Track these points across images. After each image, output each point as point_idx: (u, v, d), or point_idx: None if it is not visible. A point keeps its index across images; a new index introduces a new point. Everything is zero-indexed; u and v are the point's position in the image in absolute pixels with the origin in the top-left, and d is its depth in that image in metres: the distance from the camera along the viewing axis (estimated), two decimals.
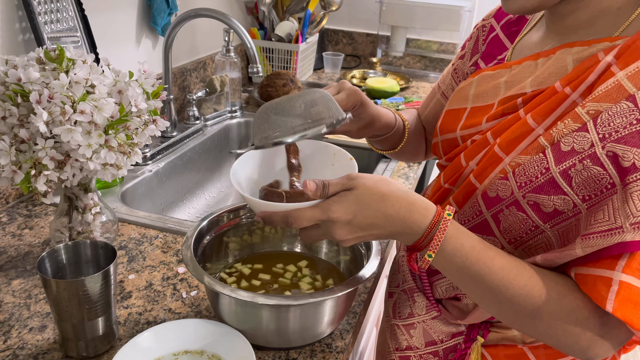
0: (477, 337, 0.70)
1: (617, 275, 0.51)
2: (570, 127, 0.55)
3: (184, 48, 1.52)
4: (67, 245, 0.69)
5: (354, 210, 0.57)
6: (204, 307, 0.78)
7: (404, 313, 0.78)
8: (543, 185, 0.56)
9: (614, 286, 0.51)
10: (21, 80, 0.70)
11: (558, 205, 0.56)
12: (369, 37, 2.20)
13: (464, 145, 0.69)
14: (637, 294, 0.50)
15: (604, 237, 0.51)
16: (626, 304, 0.50)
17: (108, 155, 0.73)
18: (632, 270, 0.51)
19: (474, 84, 0.72)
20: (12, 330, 0.71)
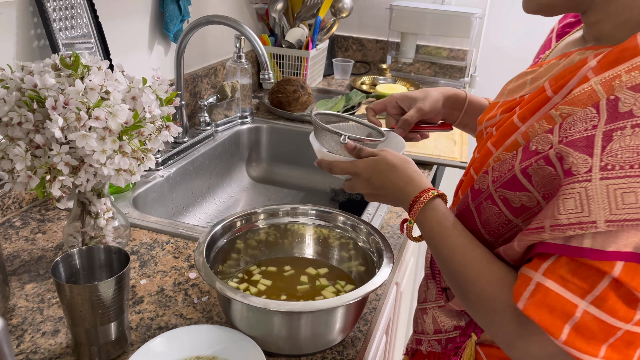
0: (472, 334, 0.72)
1: (537, 276, 0.52)
2: (543, 128, 0.56)
3: (196, 54, 1.53)
4: (81, 250, 0.69)
5: (371, 171, 0.74)
6: (216, 312, 0.78)
7: (421, 297, 0.82)
8: (509, 181, 0.58)
9: (531, 286, 0.52)
10: (37, 86, 0.71)
11: (524, 201, 0.57)
12: (379, 43, 2.21)
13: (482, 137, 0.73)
14: (554, 299, 0.50)
15: (530, 235, 0.53)
16: (541, 306, 0.51)
17: (122, 160, 0.73)
18: (554, 275, 0.50)
19: (514, 80, 0.72)
20: (25, 335, 0.72)
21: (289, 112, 1.59)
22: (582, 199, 0.48)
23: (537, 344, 0.53)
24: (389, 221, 1.05)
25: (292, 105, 1.59)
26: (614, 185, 0.47)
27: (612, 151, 0.48)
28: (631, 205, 0.46)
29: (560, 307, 0.50)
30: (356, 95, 1.70)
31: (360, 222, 0.81)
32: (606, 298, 0.48)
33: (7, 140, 0.72)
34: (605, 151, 0.48)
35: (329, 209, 0.84)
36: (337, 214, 0.83)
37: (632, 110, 0.48)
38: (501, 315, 0.55)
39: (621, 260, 0.47)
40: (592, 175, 0.48)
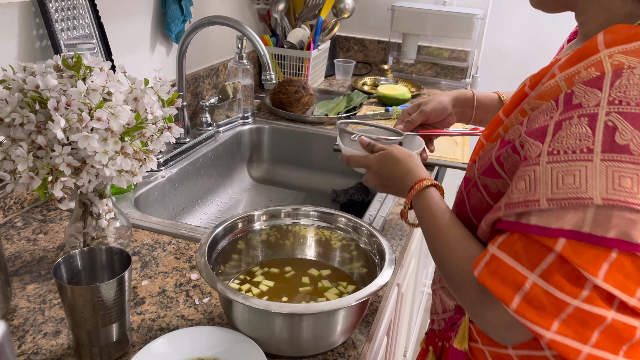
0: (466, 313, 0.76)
1: (492, 249, 0.57)
2: (517, 120, 0.61)
3: (197, 55, 1.53)
4: (83, 251, 0.69)
5: (380, 164, 0.84)
6: (217, 314, 0.78)
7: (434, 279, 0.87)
8: (488, 169, 0.64)
9: (487, 257, 0.57)
10: (39, 87, 0.71)
11: (500, 187, 0.62)
12: (381, 44, 2.21)
13: None
14: (506, 269, 0.55)
15: (490, 214, 0.60)
16: (494, 276, 0.56)
17: (124, 162, 0.73)
18: (506, 248, 0.56)
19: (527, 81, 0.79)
20: (26, 335, 0.72)
21: (290, 112, 1.59)
22: (531, 180, 0.54)
23: (495, 313, 0.58)
24: (390, 222, 1.05)
25: (294, 105, 1.59)
26: (557, 168, 0.52)
27: (559, 138, 0.53)
28: (569, 186, 0.51)
29: (511, 277, 0.54)
30: (357, 96, 1.70)
31: (362, 223, 0.81)
32: (552, 272, 0.52)
33: (9, 141, 0.72)
34: (554, 138, 0.53)
35: (330, 211, 0.84)
36: (339, 216, 0.83)
37: (581, 102, 0.53)
38: (468, 285, 0.61)
39: (563, 237, 0.51)
40: (540, 159, 0.53)
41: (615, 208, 0.50)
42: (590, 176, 0.50)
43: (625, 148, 0.50)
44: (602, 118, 0.51)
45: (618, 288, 0.51)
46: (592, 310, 0.52)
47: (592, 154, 0.51)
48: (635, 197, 0.49)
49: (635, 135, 0.50)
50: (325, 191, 1.52)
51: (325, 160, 1.54)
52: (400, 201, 1.14)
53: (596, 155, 0.51)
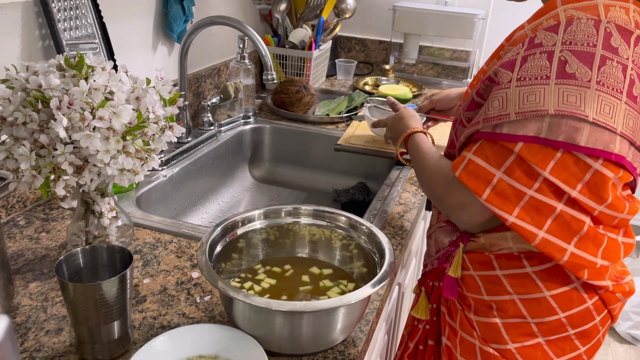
0: (460, 244, 0.86)
1: (469, 155, 0.75)
2: (494, 63, 0.80)
3: (199, 55, 1.53)
4: (85, 250, 0.70)
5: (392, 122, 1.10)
6: (218, 312, 0.78)
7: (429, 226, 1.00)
8: (470, 105, 0.81)
9: (465, 161, 0.75)
10: (42, 86, 0.71)
11: None
12: (382, 44, 2.21)
13: None
14: (479, 169, 0.73)
15: (470, 128, 0.76)
16: (470, 174, 0.74)
17: (125, 160, 0.74)
18: (479, 153, 0.73)
19: None
20: (28, 333, 0.72)
21: (291, 112, 1.59)
22: (503, 100, 0.71)
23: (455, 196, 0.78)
24: (391, 222, 1.06)
25: (295, 105, 1.59)
26: (523, 90, 0.69)
27: (525, 68, 0.70)
28: (532, 102, 0.68)
29: (483, 175, 0.72)
30: (359, 96, 1.70)
31: (362, 222, 0.82)
32: (514, 169, 0.70)
33: (12, 140, 0.72)
34: (522, 68, 0.70)
35: (331, 210, 0.85)
36: (339, 215, 0.84)
37: (542, 42, 0.70)
38: (448, 187, 0.79)
39: (522, 142, 0.69)
40: (511, 84, 0.71)
41: (564, 117, 0.67)
42: (547, 95, 0.67)
43: (572, 75, 0.67)
44: (557, 54, 0.68)
45: (562, 181, 0.68)
46: (544, 199, 0.70)
47: (549, 80, 0.68)
48: (578, 109, 0.66)
49: (579, 66, 0.67)
50: (327, 191, 1.52)
51: (327, 160, 1.54)
52: (401, 200, 1.15)
53: (552, 80, 0.68)
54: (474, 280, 0.84)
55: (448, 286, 0.87)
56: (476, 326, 0.84)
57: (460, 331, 0.86)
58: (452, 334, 0.88)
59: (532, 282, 0.79)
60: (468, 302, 0.86)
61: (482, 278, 0.83)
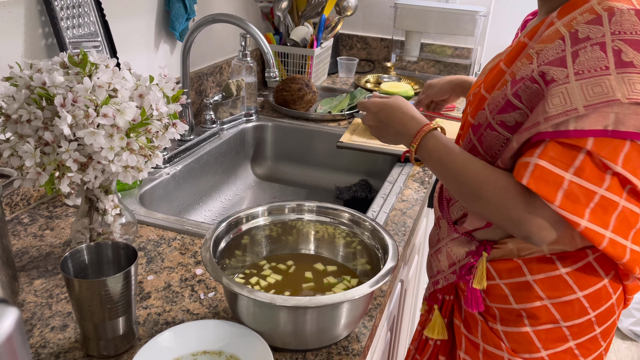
0: (483, 253, 0.83)
1: (533, 159, 0.68)
2: (524, 63, 0.74)
3: (201, 53, 1.54)
4: (89, 246, 0.70)
5: (379, 107, 0.89)
6: (222, 308, 0.79)
7: (434, 241, 0.94)
8: (504, 107, 0.75)
9: (530, 167, 0.68)
10: (46, 84, 0.72)
11: (517, 118, 0.74)
12: (383, 41, 2.21)
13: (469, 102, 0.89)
14: (547, 173, 0.67)
15: (528, 131, 0.69)
16: (539, 180, 0.67)
17: (129, 157, 0.74)
18: (546, 156, 0.67)
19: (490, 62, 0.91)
20: (34, 329, 0.73)
21: (293, 110, 1.59)
22: (565, 95, 0.66)
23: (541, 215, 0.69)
24: (393, 218, 1.06)
25: (297, 103, 1.59)
26: (586, 83, 0.66)
27: (580, 62, 0.67)
28: (599, 93, 0.65)
29: (552, 179, 0.67)
30: (360, 94, 1.70)
31: (365, 218, 0.82)
32: (584, 168, 0.66)
33: (17, 138, 0.73)
34: (576, 62, 0.67)
35: (333, 206, 0.85)
36: (342, 211, 0.84)
37: (589, 35, 0.68)
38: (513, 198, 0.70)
39: (592, 137, 0.65)
40: (569, 79, 0.67)
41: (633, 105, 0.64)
42: (613, 84, 0.64)
43: (630, 63, 0.65)
44: (610, 44, 0.66)
45: (631, 173, 0.66)
46: (611, 196, 0.66)
47: (609, 70, 0.65)
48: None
49: (635, 54, 0.65)
50: (329, 188, 1.53)
51: (329, 157, 1.54)
52: (403, 197, 1.15)
53: (612, 70, 0.65)
54: (500, 289, 0.82)
55: (473, 299, 0.84)
56: (504, 337, 0.82)
57: (483, 344, 0.85)
58: (473, 348, 0.86)
59: (565, 283, 0.78)
60: (492, 312, 0.83)
61: (511, 286, 0.81)
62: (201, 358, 0.68)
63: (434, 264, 0.94)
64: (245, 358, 0.67)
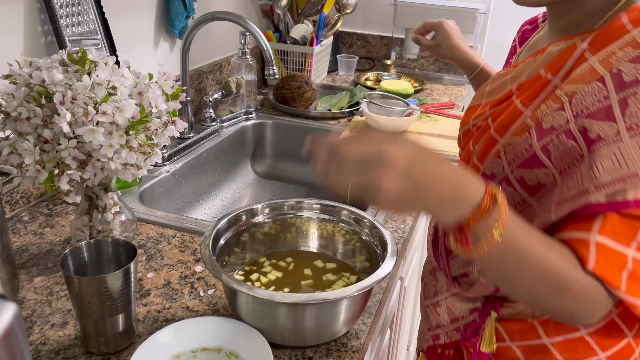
0: (491, 311, 0.74)
1: (593, 236, 0.55)
2: (551, 107, 0.61)
3: (201, 50, 1.54)
4: (89, 243, 0.70)
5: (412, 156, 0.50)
6: (221, 305, 0.79)
7: (430, 293, 0.84)
8: (527, 161, 0.63)
9: (592, 247, 0.55)
10: (45, 81, 0.72)
11: (541, 178, 0.62)
12: (383, 39, 2.21)
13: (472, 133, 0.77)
14: (612, 254, 0.55)
15: (573, 201, 0.57)
16: (603, 263, 0.55)
17: (129, 155, 0.74)
18: (606, 232, 0.55)
19: (490, 82, 0.79)
20: (34, 327, 0.73)
21: (293, 107, 1.59)
22: (619, 157, 0.54)
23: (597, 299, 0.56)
24: (393, 216, 1.06)
25: (297, 101, 1.59)
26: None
27: (632, 114, 0.55)
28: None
29: (616, 259, 0.55)
30: (360, 91, 1.70)
31: (364, 215, 0.82)
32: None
33: (16, 135, 0.73)
34: (626, 115, 0.55)
35: (333, 203, 0.85)
36: (341, 208, 0.84)
37: (637, 78, 0.55)
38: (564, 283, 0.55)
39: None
40: (621, 136, 0.55)
41: None
42: None
43: None
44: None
45: None
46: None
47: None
48: None
49: None
50: None
51: None
52: None
53: None
54: (511, 352, 0.73)
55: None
56: None
57: None
58: None
59: (586, 345, 0.69)
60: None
61: (524, 348, 0.72)
62: (201, 355, 0.68)
63: (432, 316, 0.84)
64: (244, 355, 0.67)
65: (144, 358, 0.65)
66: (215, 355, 0.68)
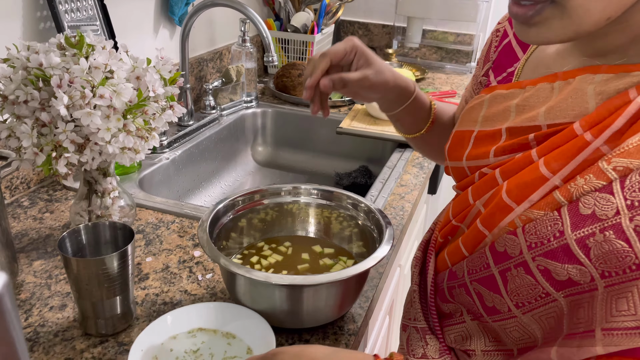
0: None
1: None
2: (592, 184, 0.46)
3: (201, 39, 1.53)
4: (87, 226, 0.71)
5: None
6: (219, 289, 0.79)
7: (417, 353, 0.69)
8: (556, 251, 0.48)
9: None
10: (42, 65, 0.72)
11: (573, 275, 0.47)
12: (385, 28, 2.20)
13: (471, 177, 0.62)
14: None
15: (630, 337, 0.43)
16: None
17: (126, 139, 0.74)
18: None
19: (485, 104, 0.63)
20: (33, 309, 0.73)
21: (293, 96, 1.59)
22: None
23: None
24: (392, 203, 1.06)
25: (297, 89, 1.59)
26: None
27: None
28: None
29: None
30: None
31: (361, 200, 0.82)
32: None
33: (14, 119, 0.73)
34: None
35: (330, 189, 0.85)
36: (339, 193, 0.84)
37: None
38: None
39: None
40: None
41: None
42: None
43: None
44: None
45: None
46: None
47: None
48: None
49: None
50: (329, 174, 1.53)
51: (329, 143, 1.54)
52: (402, 182, 1.15)
53: None
54: None
55: None
56: None
57: None
58: None
59: None
60: None
61: None
62: (199, 335, 0.68)
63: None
64: (243, 336, 0.68)
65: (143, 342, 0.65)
66: (212, 335, 0.68)
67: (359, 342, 0.75)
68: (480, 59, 0.74)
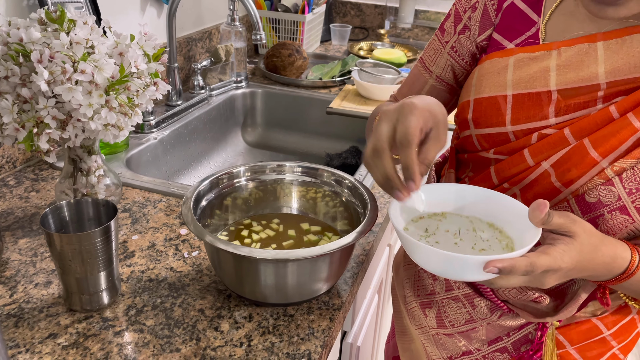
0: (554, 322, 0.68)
1: None
2: None
3: (190, 18, 1.52)
4: (70, 203, 0.70)
5: (576, 262, 0.54)
6: (205, 266, 0.79)
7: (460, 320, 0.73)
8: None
9: None
10: (23, 40, 0.71)
11: None
12: (377, 8, 2.18)
13: (524, 140, 0.62)
14: None
15: None
16: None
17: (109, 115, 0.74)
18: None
19: (510, 67, 0.63)
20: (18, 286, 0.73)
21: (284, 76, 1.58)
22: None
23: None
24: None
25: (288, 69, 1.58)
26: None
27: None
28: None
29: None
30: (352, 61, 1.69)
31: (345, 176, 0.82)
32: None
33: None
34: None
35: (314, 166, 0.85)
36: (323, 170, 0.84)
37: None
38: None
39: None
40: None
41: None
42: None
43: None
44: None
45: None
46: None
47: None
48: None
49: None
50: (319, 155, 1.53)
51: (320, 124, 1.54)
52: None
53: None
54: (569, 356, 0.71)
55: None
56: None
57: None
58: None
59: (633, 324, 0.72)
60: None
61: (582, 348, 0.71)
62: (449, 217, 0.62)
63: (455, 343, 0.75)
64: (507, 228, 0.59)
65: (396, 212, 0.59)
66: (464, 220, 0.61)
67: (344, 317, 0.76)
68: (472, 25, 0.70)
